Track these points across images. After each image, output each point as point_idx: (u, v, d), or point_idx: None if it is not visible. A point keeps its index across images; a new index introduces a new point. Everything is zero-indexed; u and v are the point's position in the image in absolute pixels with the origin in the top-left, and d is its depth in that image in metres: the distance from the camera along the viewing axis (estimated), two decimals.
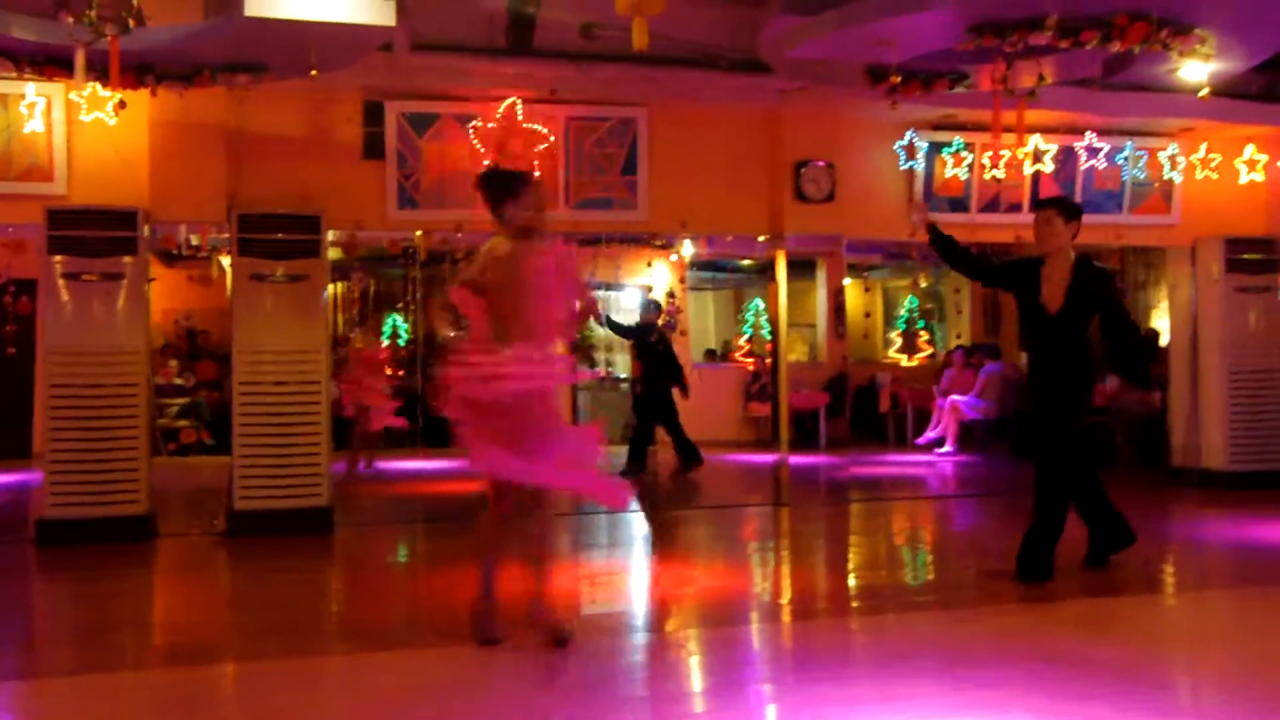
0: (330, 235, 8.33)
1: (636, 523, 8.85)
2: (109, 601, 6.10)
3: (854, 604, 6.05)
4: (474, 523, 4.77)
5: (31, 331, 12.61)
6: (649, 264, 14.36)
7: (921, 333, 15.05)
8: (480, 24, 8.73)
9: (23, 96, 8.35)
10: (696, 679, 4.58)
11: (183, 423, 12.61)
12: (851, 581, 6.77)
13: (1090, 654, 4.53)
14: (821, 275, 15.42)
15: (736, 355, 15.15)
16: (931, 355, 15.12)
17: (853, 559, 7.64)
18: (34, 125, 8.36)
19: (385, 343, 14.47)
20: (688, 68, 9.37)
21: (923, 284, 14.89)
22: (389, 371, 14.11)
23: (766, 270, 13.95)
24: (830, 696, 3.97)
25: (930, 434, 13.41)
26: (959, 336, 16.09)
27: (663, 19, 7.02)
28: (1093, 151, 10.24)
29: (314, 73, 7.29)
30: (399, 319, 14.78)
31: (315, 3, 7.13)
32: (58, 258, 7.56)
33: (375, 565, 7.38)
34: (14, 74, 7.90)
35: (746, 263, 15.65)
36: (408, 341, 14.79)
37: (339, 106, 8.89)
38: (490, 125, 9.27)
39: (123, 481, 7.55)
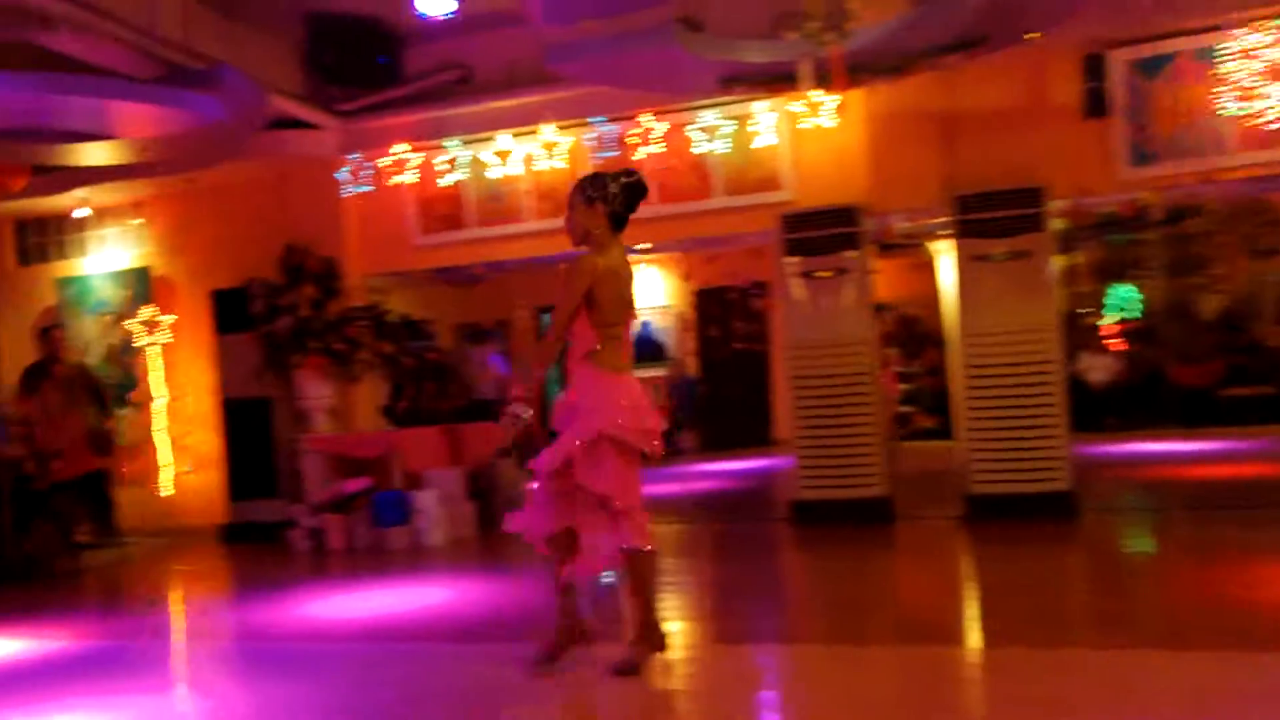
0: (1056, 205, 7.78)
1: None
2: (856, 578, 6.39)
3: None
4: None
5: (766, 329, 13.97)
6: None
7: None
8: None
9: (750, 115, 9.11)
10: None
11: (907, 408, 12.91)
12: None
13: None
14: None
15: None
16: None
17: None
18: (762, 140, 9.09)
19: (1114, 316, 13.42)
20: None
21: None
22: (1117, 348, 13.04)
23: None
24: None
25: None
26: None
27: None
28: None
29: (1034, 36, 6.84)
30: (1128, 289, 13.56)
31: None
32: (791, 259, 8.03)
33: (1123, 554, 6.81)
34: (745, 96, 8.65)
35: None
36: (1140, 314, 13.51)
37: (1053, 67, 8.31)
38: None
39: (862, 466, 7.82)
